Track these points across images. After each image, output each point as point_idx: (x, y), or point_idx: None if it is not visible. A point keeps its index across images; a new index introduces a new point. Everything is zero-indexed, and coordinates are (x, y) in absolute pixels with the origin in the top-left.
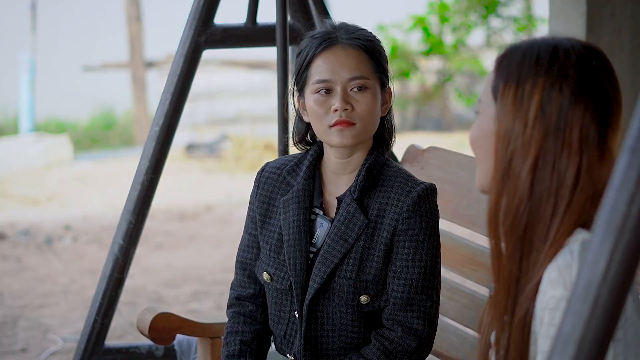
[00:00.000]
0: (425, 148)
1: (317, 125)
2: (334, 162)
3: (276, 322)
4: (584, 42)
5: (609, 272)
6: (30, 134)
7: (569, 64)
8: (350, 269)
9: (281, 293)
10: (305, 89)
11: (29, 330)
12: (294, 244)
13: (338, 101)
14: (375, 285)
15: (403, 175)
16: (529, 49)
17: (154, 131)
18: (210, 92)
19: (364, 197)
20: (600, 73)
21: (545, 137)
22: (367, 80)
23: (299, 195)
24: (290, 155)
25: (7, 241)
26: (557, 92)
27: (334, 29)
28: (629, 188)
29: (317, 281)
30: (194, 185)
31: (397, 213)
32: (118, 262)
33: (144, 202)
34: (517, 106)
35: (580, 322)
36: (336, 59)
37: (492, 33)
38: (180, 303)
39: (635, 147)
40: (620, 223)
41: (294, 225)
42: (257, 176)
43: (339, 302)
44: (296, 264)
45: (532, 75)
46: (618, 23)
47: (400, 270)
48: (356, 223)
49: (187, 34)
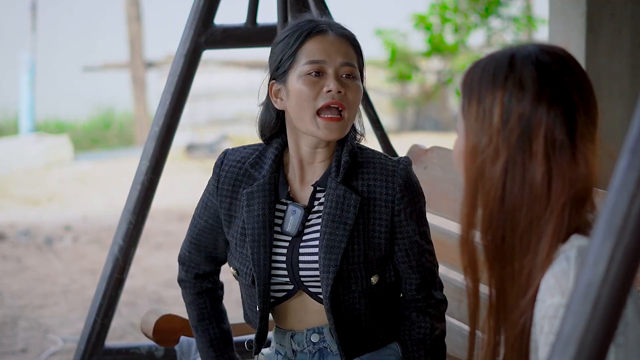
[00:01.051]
0: (428, 148)
1: (303, 109)
2: (304, 152)
3: (249, 316)
4: (546, 47)
5: (609, 273)
6: (30, 134)
7: (525, 73)
8: (356, 254)
9: (248, 288)
10: (289, 73)
11: (29, 331)
12: (257, 239)
13: (332, 82)
14: (379, 265)
15: (379, 155)
16: (488, 63)
17: (154, 131)
18: (211, 92)
19: (348, 180)
20: (560, 77)
21: (511, 147)
22: (355, 69)
23: (264, 188)
24: (250, 146)
25: (7, 241)
26: (516, 102)
27: (319, 19)
28: (629, 189)
29: (331, 271)
30: (194, 185)
31: (390, 194)
32: (118, 263)
33: (144, 203)
34: (481, 121)
35: (581, 323)
36: (330, 43)
37: (493, 33)
38: (180, 304)
39: (635, 148)
40: (621, 224)
41: (259, 220)
42: (217, 168)
43: (355, 289)
44: (260, 259)
45: (491, 90)
46: (618, 23)
47: (412, 246)
48: (350, 203)
49: (187, 34)
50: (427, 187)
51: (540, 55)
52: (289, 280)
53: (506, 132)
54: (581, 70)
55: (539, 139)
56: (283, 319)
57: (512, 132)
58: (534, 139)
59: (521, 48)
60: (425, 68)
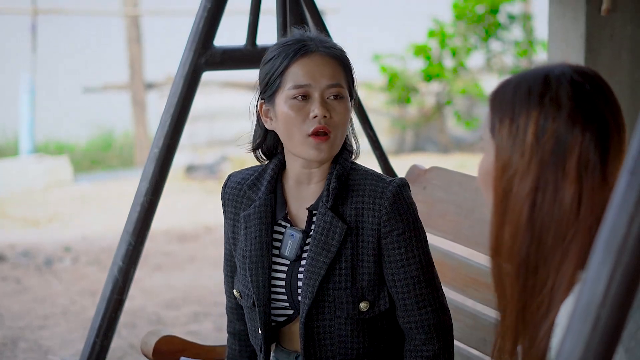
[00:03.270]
0: (427, 168)
1: (291, 134)
2: (299, 172)
3: (252, 338)
4: (577, 67)
5: (609, 293)
6: (30, 155)
7: (561, 93)
8: (343, 279)
9: (250, 310)
10: (276, 95)
11: (28, 352)
12: (255, 261)
13: (317, 107)
14: (371, 291)
15: (372, 176)
16: (521, 81)
17: (153, 152)
18: (210, 113)
19: (337, 205)
20: (595, 97)
21: (543, 166)
22: (342, 89)
23: (261, 210)
24: (251, 167)
25: (7, 262)
26: (551, 121)
27: (307, 37)
28: (628, 209)
29: (308, 297)
30: (194, 206)
31: (377, 217)
32: (118, 284)
33: (144, 224)
34: (513, 139)
35: (580, 343)
36: (315, 66)
37: (492, 56)
38: (180, 324)
39: (634, 168)
40: (620, 244)
41: (256, 242)
42: (222, 192)
43: (340, 314)
44: (258, 281)
45: (525, 108)
46: (617, 44)
47: (398, 271)
48: (335, 231)
49: (187, 55)
50: (426, 207)
51: (574, 75)
52: (289, 305)
53: (539, 150)
54: (611, 90)
55: (572, 158)
56: (288, 341)
57: (545, 151)
58: (568, 158)
59: (553, 67)
60: (424, 90)
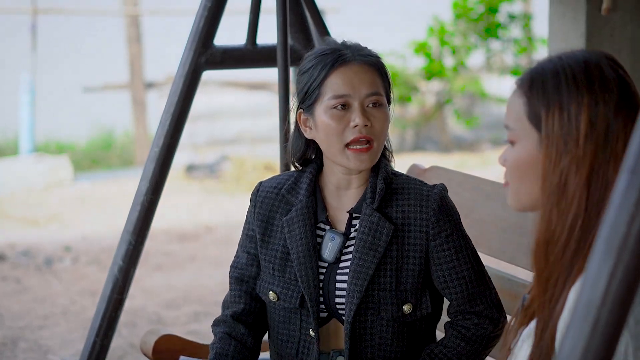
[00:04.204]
0: (427, 167)
1: (331, 143)
2: (339, 178)
3: (285, 342)
4: (601, 52)
5: (609, 292)
6: (30, 155)
7: (606, 78)
8: (388, 280)
9: (289, 312)
10: (315, 105)
11: (28, 352)
12: (304, 261)
13: (358, 116)
14: (414, 294)
15: (414, 181)
16: (560, 69)
17: (154, 152)
18: (210, 112)
19: (382, 207)
20: (626, 80)
21: (596, 151)
22: (381, 97)
23: (303, 212)
24: (284, 173)
25: (7, 262)
26: (602, 107)
27: (343, 46)
28: (628, 208)
29: (356, 296)
30: (194, 205)
31: (425, 219)
32: (118, 283)
33: (144, 223)
34: (566, 129)
35: (581, 343)
36: (354, 75)
37: (492, 55)
38: (180, 324)
39: (634, 167)
40: (620, 243)
41: (302, 243)
42: (253, 196)
43: (384, 316)
44: (309, 281)
45: (575, 96)
46: (617, 44)
47: (450, 272)
48: (382, 231)
49: (187, 55)
50: None
51: (607, 60)
52: (324, 307)
53: (593, 137)
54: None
55: (620, 142)
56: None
57: (599, 136)
58: (617, 142)
59: (584, 53)
60: (425, 89)
